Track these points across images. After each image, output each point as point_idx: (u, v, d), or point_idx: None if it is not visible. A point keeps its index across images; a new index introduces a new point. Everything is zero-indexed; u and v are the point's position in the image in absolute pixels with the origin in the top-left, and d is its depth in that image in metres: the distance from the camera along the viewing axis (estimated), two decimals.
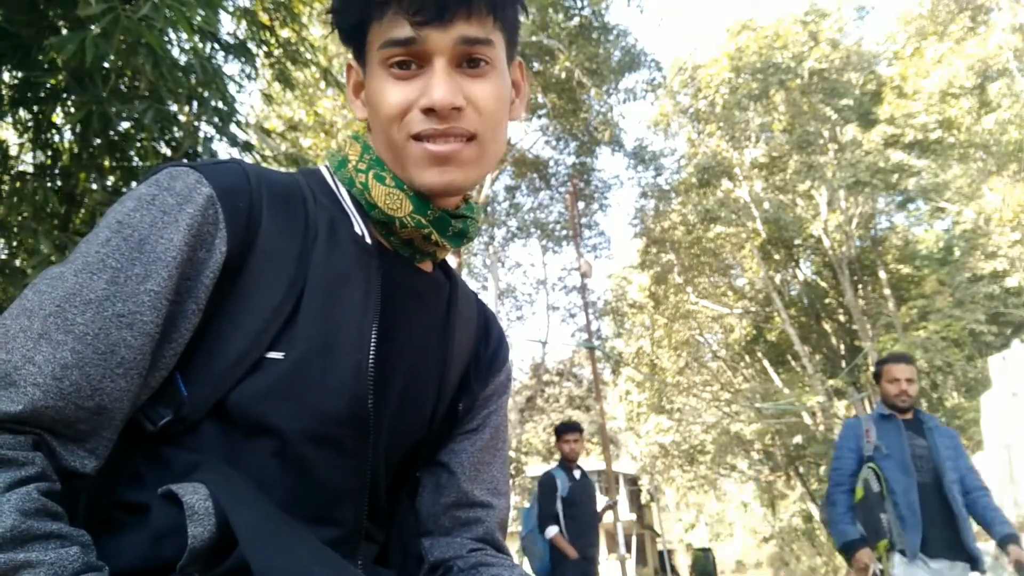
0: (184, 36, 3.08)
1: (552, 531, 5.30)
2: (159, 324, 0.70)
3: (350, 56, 0.87)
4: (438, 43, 0.77)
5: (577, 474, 5.58)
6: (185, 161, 0.78)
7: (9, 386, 0.64)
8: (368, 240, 0.82)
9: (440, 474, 0.94)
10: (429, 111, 0.77)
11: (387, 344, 0.80)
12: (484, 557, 0.91)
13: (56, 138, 3.48)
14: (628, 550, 12.55)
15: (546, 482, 5.49)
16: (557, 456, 5.69)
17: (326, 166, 0.89)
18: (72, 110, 3.24)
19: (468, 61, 0.79)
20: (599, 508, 5.79)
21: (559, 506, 5.37)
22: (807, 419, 16.92)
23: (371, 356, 0.78)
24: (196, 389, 0.73)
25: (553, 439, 18.82)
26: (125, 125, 3.31)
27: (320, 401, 0.74)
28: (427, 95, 0.77)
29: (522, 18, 0.87)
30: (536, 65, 14.55)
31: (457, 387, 0.92)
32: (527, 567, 5.52)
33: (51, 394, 0.65)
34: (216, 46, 3.54)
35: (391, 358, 0.81)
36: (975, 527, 3.62)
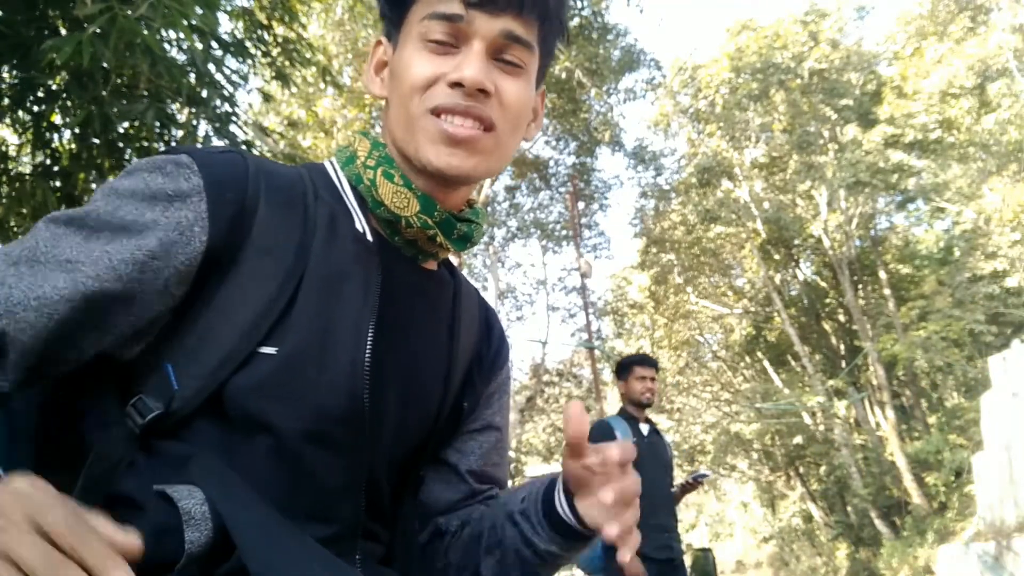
0: (182, 35, 3.07)
1: None
2: (98, 285, 0.69)
3: (380, 33, 0.88)
4: (482, 28, 0.78)
5: (645, 429, 4.06)
6: (188, 147, 0.78)
7: None
8: (369, 237, 0.82)
9: (448, 475, 0.94)
10: (456, 85, 0.77)
11: (386, 341, 0.79)
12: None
13: (56, 138, 3.48)
14: None
15: (599, 431, 3.90)
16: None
17: (331, 162, 0.88)
18: (72, 110, 3.24)
19: (504, 59, 0.80)
20: (676, 482, 4.21)
21: None
22: (807, 419, 16.91)
23: (367, 353, 0.77)
24: (187, 382, 0.72)
25: (553, 439, 18.68)
26: (125, 125, 3.31)
27: (314, 398, 0.74)
28: (458, 70, 0.77)
29: (560, 48, 0.89)
30: None
31: (461, 386, 0.92)
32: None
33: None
34: (215, 45, 3.53)
35: (390, 356, 0.80)
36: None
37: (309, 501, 0.75)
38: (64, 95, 3.22)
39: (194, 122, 3.44)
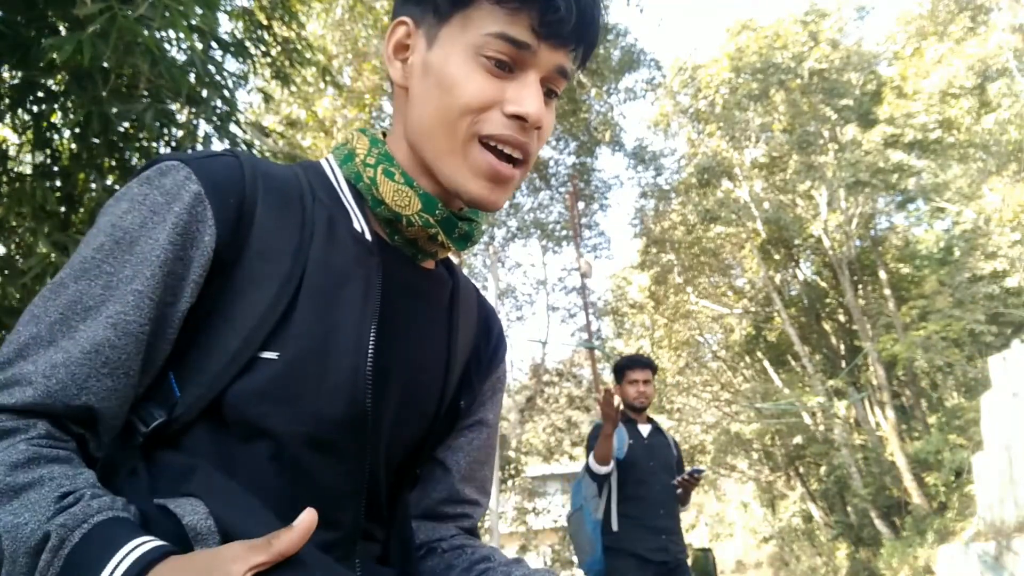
0: (182, 35, 3.07)
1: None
2: (143, 324, 0.69)
3: (407, 16, 0.82)
4: (543, 60, 0.77)
5: (645, 430, 3.97)
6: (178, 153, 0.77)
7: (13, 385, 0.66)
8: (368, 236, 0.81)
9: (435, 470, 0.94)
10: (516, 118, 0.76)
11: (386, 345, 0.79)
12: (466, 540, 0.93)
13: (56, 138, 3.48)
14: None
15: (596, 433, 3.82)
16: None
17: (328, 160, 0.87)
18: (71, 110, 3.24)
19: (549, 89, 0.80)
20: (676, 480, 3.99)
21: (613, 467, 3.75)
22: (807, 419, 16.91)
23: (369, 358, 0.76)
24: (189, 389, 0.72)
25: (553, 439, 18.64)
26: (125, 125, 3.30)
27: (316, 404, 0.73)
28: (519, 103, 0.75)
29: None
30: None
31: (458, 384, 0.92)
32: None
33: (41, 392, 0.66)
34: (215, 45, 3.53)
35: (390, 359, 0.80)
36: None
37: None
38: (64, 95, 3.22)
39: (194, 122, 3.44)
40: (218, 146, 3.34)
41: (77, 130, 3.25)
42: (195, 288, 0.72)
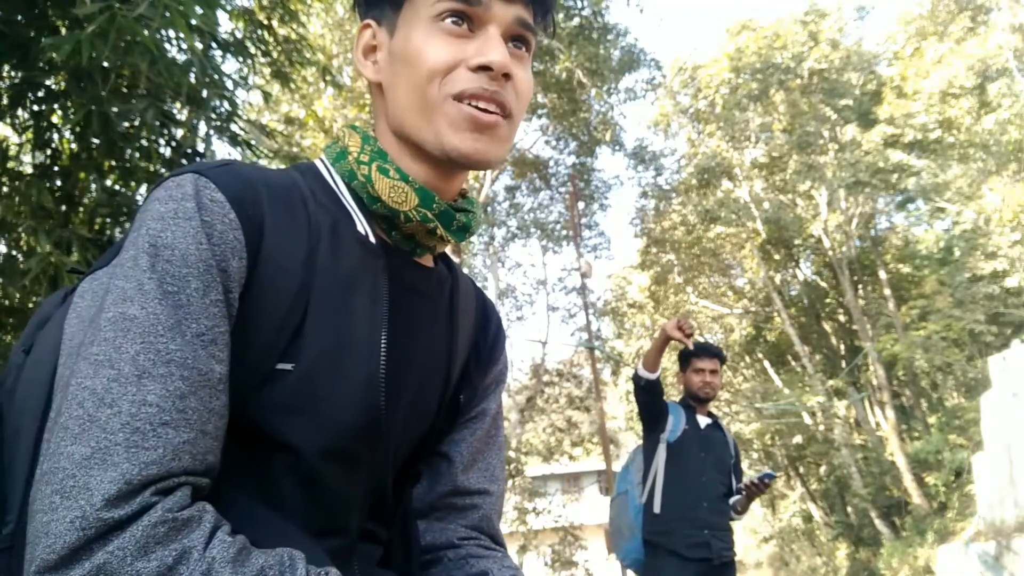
0: (182, 35, 3.07)
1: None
2: (231, 331, 0.69)
3: (370, 18, 0.85)
4: (499, 13, 0.78)
5: (703, 421, 3.88)
6: (191, 166, 0.75)
7: (134, 433, 0.60)
8: (372, 239, 0.80)
9: (439, 463, 0.94)
10: (481, 70, 0.76)
11: (397, 349, 0.79)
12: (475, 548, 0.91)
13: (56, 138, 3.48)
14: None
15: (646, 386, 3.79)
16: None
17: (321, 159, 0.86)
18: (71, 110, 3.24)
19: (515, 45, 0.80)
20: (736, 484, 3.86)
21: (662, 450, 3.69)
22: (807, 419, 16.91)
23: (382, 365, 0.76)
24: None
25: (553, 439, 18.56)
26: (125, 125, 3.30)
27: (333, 413, 0.73)
28: (482, 54, 0.76)
29: (544, 39, 0.90)
30: (536, 65, 14.53)
31: (458, 379, 0.91)
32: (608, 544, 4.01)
33: (182, 427, 0.62)
34: (214, 45, 3.54)
35: (400, 363, 0.80)
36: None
37: (325, 515, 0.75)
38: (64, 95, 3.22)
39: (194, 122, 3.44)
40: (218, 146, 3.34)
41: (77, 130, 3.25)
42: (238, 300, 0.70)
